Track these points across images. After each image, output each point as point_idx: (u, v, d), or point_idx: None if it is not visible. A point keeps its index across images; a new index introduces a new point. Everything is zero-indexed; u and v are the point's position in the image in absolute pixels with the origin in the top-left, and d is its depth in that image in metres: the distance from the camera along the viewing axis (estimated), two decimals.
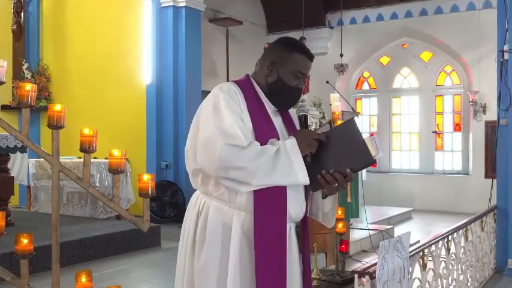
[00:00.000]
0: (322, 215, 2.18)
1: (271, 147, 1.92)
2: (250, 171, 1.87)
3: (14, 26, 9.75)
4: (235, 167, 1.86)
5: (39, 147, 2.21)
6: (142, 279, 5.31)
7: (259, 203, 1.94)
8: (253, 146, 1.89)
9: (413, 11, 11.44)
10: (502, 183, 5.90)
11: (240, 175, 1.88)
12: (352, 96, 12.70)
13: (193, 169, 2.07)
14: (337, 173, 1.94)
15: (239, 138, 1.88)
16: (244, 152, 1.86)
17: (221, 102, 1.95)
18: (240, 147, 1.87)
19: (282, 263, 1.97)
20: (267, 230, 1.94)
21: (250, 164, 1.86)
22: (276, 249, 1.96)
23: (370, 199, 7.99)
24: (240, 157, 1.86)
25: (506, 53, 5.82)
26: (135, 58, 8.93)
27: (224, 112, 1.92)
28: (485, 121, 10.73)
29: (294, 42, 2.17)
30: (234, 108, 1.95)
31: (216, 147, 1.87)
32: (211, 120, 1.93)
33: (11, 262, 4.31)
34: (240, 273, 1.94)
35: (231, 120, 1.91)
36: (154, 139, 8.74)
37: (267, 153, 1.89)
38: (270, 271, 1.93)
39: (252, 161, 1.86)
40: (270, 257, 1.94)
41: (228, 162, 1.86)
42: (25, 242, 2.11)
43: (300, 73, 2.09)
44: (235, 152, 1.86)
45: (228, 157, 1.86)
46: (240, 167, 1.86)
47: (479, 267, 5.26)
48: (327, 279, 3.79)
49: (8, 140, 6.20)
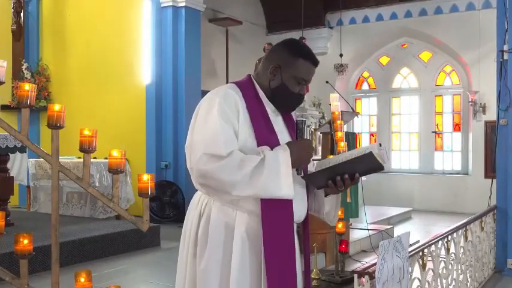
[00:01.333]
0: (325, 213, 2.18)
1: (254, 158, 1.89)
2: (227, 183, 1.87)
3: (14, 26, 9.75)
4: (212, 177, 1.88)
5: (38, 147, 2.21)
6: (142, 279, 5.31)
7: (266, 205, 1.93)
8: (233, 156, 1.87)
9: (413, 11, 11.45)
10: (501, 183, 5.90)
11: (218, 185, 1.89)
12: (351, 96, 12.71)
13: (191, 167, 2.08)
14: (348, 178, 1.97)
15: (218, 148, 1.87)
16: (223, 163, 1.86)
17: (214, 109, 1.94)
18: (218, 156, 1.86)
19: (292, 264, 1.97)
20: (275, 232, 1.94)
21: (227, 176, 1.86)
22: (285, 250, 1.95)
23: (370, 199, 7.98)
24: (217, 168, 1.86)
25: (506, 53, 5.82)
26: (135, 58, 8.92)
27: (213, 119, 1.92)
28: (484, 121, 10.73)
29: (300, 47, 2.11)
30: (226, 115, 1.93)
31: (196, 154, 1.90)
32: (199, 126, 1.96)
33: (10, 262, 4.31)
34: (243, 274, 1.93)
35: (217, 129, 1.90)
36: (154, 139, 8.74)
37: (247, 164, 1.87)
38: (280, 272, 1.93)
39: (230, 173, 1.86)
40: (279, 259, 1.93)
41: (206, 171, 1.88)
42: (25, 242, 2.11)
43: (304, 80, 2.08)
44: (213, 162, 1.86)
45: (206, 167, 1.87)
46: (217, 179, 1.87)
47: (478, 267, 5.26)
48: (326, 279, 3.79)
49: (7, 140, 6.19)
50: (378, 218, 8.50)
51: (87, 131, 2.14)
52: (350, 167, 1.97)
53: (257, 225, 1.96)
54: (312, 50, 2.13)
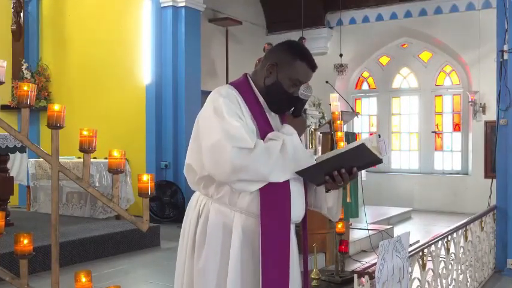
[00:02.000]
0: (327, 208, 2.17)
1: (277, 144, 1.94)
2: (264, 172, 1.89)
3: (14, 26, 9.75)
4: (248, 170, 1.86)
5: (38, 147, 2.21)
6: (142, 279, 5.31)
7: (264, 205, 1.93)
8: (260, 146, 1.90)
9: (413, 11, 11.45)
10: (501, 183, 5.90)
11: (254, 176, 1.89)
12: (351, 96, 12.71)
13: (197, 179, 2.05)
14: (345, 172, 1.96)
15: (246, 141, 1.87)
16: (255, 154, 1.86)
17: (222, 107, 1.93)
18: (248, 149, 1.86)
19: (285, 265, 1.97)
20: (273, 232, 1.94)
21: (263, 165, 1.88)
22: (280, 251, 1.96)
23: (370, 199, 7.99)
24: (252, 160, 1.86)
25: (506, 53, 5.82)
26: (135, 58, 8.92)
27: (227, 116, 1.91)
28: (484, 121, 10.73)
29: (300, 49, 2.10)
30: (235, 111, 1.94)
31: (225, 151, 1.85)
32: (215, 126, 1.90)
33: (10, 262, 4.31)
34: (240, 275, 1.93)
35: (235, 123, 1.89)
36: (154, 139, 8.74)
37: (273, 151, 1.91)
38: (275, 272, 1.93)
39: (264, 162, 1.88)
40: (275, 259, 1.94)
41: (241, 165, 1.85)
42: (25, 242, 2.11)
43: (299, 81, 2.06)
44: (246, 155, 1.85)
45: (240, 161, 1.85)
46: (253, 170, 1.87)
47: (478, 267, 5.26)
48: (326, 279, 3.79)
49: (7, 140, 6.19)
50: (378, 218, 8.50)
51: (86, 131, 2.13)
52: (346, 161, 1.96)
53: (255, 225, 1.96)
54: (312, 55, 2.12)
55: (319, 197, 2.17)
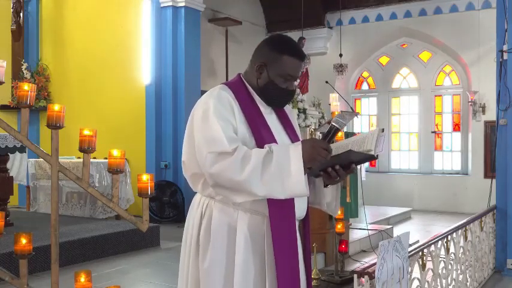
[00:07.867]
0: (326, 203, 2.17)
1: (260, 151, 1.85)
2: (240, 181, 1.81)
3: (13, 26, 9.74)
4: (222, 176, 1.84)
5: (38, 147, 2.21)
6: (142, 279, 5.30)
7: (272, 204, 1.92)
8: (239, 152, 1.83)
9: (413, 11, 11.45)
10: (501, 183, 5.90)
11: (232, 185, 1.84)
12: (351, 96, 12.71)
13: (191, 174, 2.05)
14: (340, 168, 1.94)
15: (223, 145, 1.84)
16: (230, 160, 1.82)
17: (209, 110, 1.93)
18: (225, 154, 1.83)
19: (295, 263, 1.97)
20: (282, 231, 1.93)
21: (238, 173, 1.81)
22: (291, 249, 1.96)
23: (369, 199, 7.99)
24: (226, 166, 1.82)
25: (505, 53, 5.82)
26: (134, 58, 8.92)
27: (211, 119, 1.90)
28: (484, 121, 10.73)
29: (284, 43, 2.08)
30: (222, 114, 1.93)
31: (202, 157, 1.88)
32: (199, 130, 1.94)
33: (10, 262, 4.31)
34: (246, 274, 1.93)
35: (217, 128, 1.88)
36: (154, 139, 8.74)
37: (254, 158, 1.82)
38: (286, 271, 1.93)
39: (241, 168, 1.80)
40: (287, 257, 1.94)
41: (214, 172, 1.84)
42: (24, 242, 2.11)
43: (290, 76, 2.05)
44: (220, 161, 1.83)
45: (213, 167, 1.84)
46: (228, 177, 1.83)
47: (478, 267, 5.26)
48: (326, 279, 3.80)
49: (7, 140, 6.19)
50: (378, 218, 8.50)
51: (86, 131, 2.14)
52: (340, 160, 1.95)
53: (260, 224, 1.96)
54: (297, 44, 2.10)
55: (318, 192, 2.16)
